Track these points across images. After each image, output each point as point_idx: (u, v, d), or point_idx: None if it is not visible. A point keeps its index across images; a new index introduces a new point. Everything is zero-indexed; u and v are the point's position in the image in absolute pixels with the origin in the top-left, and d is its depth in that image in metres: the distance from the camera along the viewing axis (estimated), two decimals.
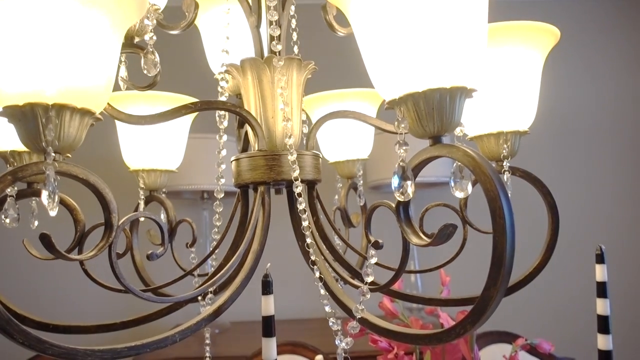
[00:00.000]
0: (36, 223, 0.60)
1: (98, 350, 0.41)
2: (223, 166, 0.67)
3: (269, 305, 0.50)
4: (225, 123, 0.68)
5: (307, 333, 1.79)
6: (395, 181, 0.39)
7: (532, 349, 1.11)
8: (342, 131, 0.85)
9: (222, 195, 0.67)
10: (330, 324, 0.51)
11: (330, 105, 0.81)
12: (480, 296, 0.36)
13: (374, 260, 0.47)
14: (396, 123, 0.40)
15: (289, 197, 0.67)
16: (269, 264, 0.52)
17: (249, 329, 1.96)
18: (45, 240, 0.39)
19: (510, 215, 0.35)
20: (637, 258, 2.23)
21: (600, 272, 0.64)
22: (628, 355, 2.13)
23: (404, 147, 0.39)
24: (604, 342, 0.63)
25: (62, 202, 0.60)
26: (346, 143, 0.86)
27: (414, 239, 0.42)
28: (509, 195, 0.59)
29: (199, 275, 0.73)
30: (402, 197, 0.38)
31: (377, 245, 0.46)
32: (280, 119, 0.61)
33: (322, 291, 0.53)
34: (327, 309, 0.52)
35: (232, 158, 0.63)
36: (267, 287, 0.50)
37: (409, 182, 0.38)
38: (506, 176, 0.58)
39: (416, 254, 1.98)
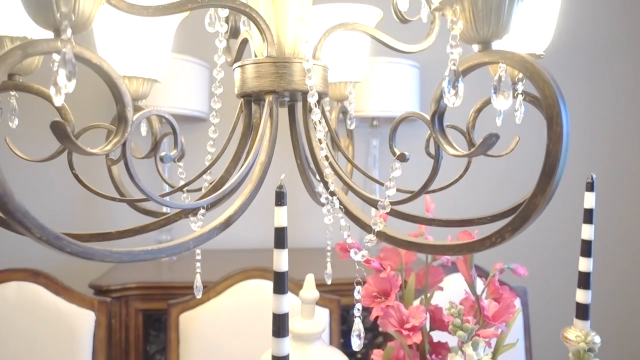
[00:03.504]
0: (16, 121, 0.54)
1: (116, 251, 0.38)
2: (222, 74, 0.63)
3: (282, 217, 0.49)
4: (225, 27, 0.62)
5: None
6: (446, 85, 0.37)
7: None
8: (337, 50, 0.81)
9: (220, 105, 0.63)
10: (345, 236, 0.50)
11: (328, 17, 0.77)
12: (526, 204, 0.36)
13: (398, 173, 0.46)
14: (449, 24, 0.37)
15: (290, 111, 0.64)
16: (283, 175, 0.50)
17: (207, 257, 1.95)
18: (59, 128, 0.35)
19: (567, 123, 0.34)
20: (624, 192, 2.37)
21: (589, 200, 0.67)
22: (607, 282, 2.32)
23: (458, 50, 0.37)
24: (585, 264, 0.67)
25: (49, 99, 0.54)
26: (341, 63, 0.82)
27: (450, 150, 0.41)
28: (520, 118, 0.59)
29: (188, 192, 0.70)
30: (453, 101, 0.37)
31: (402, 158, 0.45)
32: (291, 24, 0.57)
33: (336, 205, 0.52)
34: (342, 222, 0.51)
35: (236, 64, 0.59)
36: (281, 198, 0.48)
37: (460, 86, 0.37)
38: (519, 99, 0.58)
39: (378, 188, 2.00)
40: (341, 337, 1.39)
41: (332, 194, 0.53)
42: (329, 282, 0.78)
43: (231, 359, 1.26)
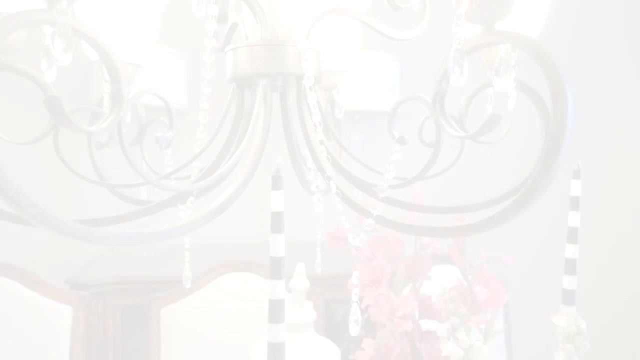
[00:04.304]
0: None
1: (112, 233, 0.37)
2: (212, 57, 0.61)
3: (278, 201, 0.48)
4: (216, 9, 0.61)
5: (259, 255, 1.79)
6: (451, 64, 0.37)
7: None
8: (326, 38, 0.80)
9: (210, 90, 0.61)
10: (343, 221, 0.50)
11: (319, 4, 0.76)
12: (530, 183, 0.36)
13: (397, 157, 0.46)
14: (454, 3, 0.37)
15: (281, 96, 0.63)
16: (279, 159, 0.49)
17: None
18: (54, 104, 0.33)
19: (572, 102, 0.35)
20: (609, 178, 2.42)
21: (576, 187, 0.68)
22: (592, 267, 2.36)
23: (463, 29, 0.37)
24: (571, 251, 0.68)
25: (34, 79, 0.52)
26: (329, 51, 0.81)
27: (451, 132, 0.41)
28: (513, 105, 0.59)
29: (176, 180, 0.69)
30: (458, 81, 0.37)
31: (402, 141, 0.45)
32: (285, 6, 0.56)
33: (333, 190, 0.51)
34: (339, 207, 0.50)
35: (228, 47, 0.58)
36: (277, 183, 0.47)
37: (465, 65, 0.37)
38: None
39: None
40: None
41: (329, 178, 0.52)
42: (318, 270, 0.77)
43: (213, 352, 1.25)
